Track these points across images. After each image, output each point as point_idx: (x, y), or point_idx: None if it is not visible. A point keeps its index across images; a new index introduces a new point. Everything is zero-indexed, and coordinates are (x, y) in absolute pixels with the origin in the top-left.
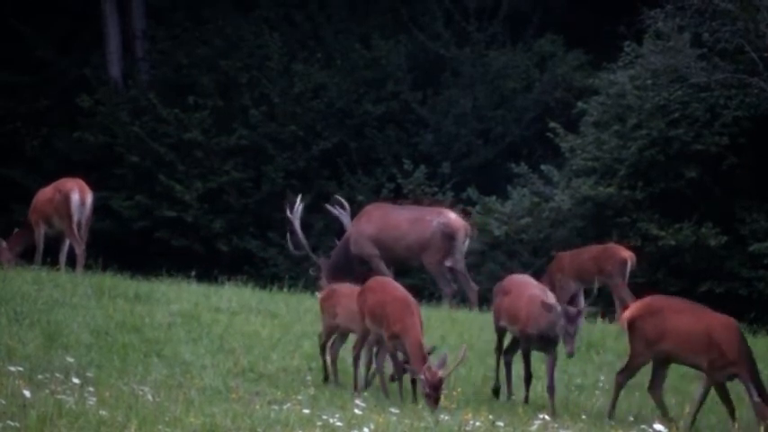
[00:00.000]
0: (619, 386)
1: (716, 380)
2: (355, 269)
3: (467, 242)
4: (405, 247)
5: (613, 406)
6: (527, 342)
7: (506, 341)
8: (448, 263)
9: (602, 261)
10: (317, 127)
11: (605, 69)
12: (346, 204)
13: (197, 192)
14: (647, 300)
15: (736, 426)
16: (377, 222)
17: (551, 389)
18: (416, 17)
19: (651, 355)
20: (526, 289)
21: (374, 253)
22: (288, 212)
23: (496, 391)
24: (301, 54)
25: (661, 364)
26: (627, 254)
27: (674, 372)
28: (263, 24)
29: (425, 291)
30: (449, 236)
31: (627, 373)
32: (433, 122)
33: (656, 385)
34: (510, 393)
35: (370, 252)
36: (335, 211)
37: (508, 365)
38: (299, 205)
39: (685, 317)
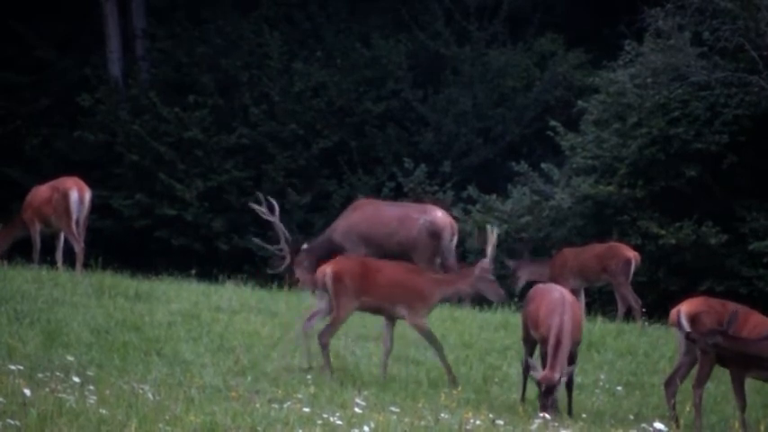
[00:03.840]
0: (701, 398)
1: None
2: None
3: (454, 240)
4: (395, 243)
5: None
6: (545, 345)
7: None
8: (437, 260)
9: (606, 260)
10: (318, 126)
11: (605, 68)
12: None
13: (197, 190)
14: (701, 298)
15: (737, 425)
16: (369, 219)
17: (569, 387)
18: (417, 16)
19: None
20: (547, 294)
21: (359, 248)
22: (262, 209)
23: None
24: (301, 53)
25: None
26: (631, 253)
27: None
28: (263, 23)
29: None
30: (434, 234)
31: (705, 378)
32: (434, 121)
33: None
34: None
35: (352, 247)
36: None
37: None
38: (263, 199)
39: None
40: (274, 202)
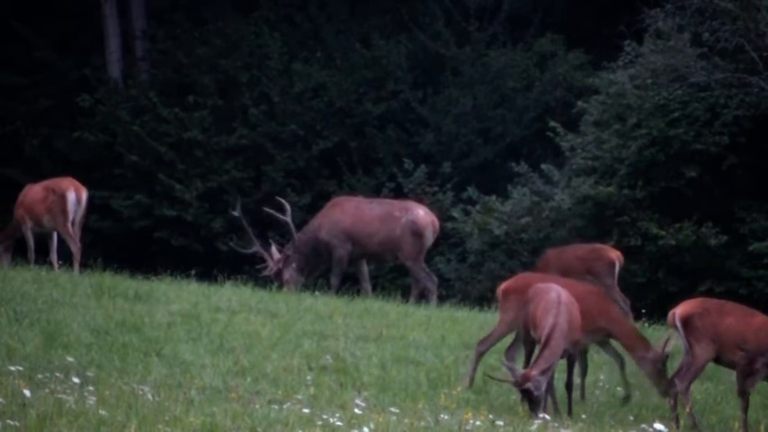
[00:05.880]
0: (685, 392)
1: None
2: (324, 257)
3: (433, 237)
4: (377, 242)
5: (692, 416)
6: None
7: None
8: (422, 258)
9: (590, 261)
10: (317, 126)
11: (605, 69)
12: (287, 206)
13: (197, 191)
14: (698, 300)
15: (736, 425)
16: (352, 216)
17: (568, 388)
18: (417, 17)
19: (714, 354)
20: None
21: (345, 245)
22: (235, 212)
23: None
24: (301, 53)
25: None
26: (614, 254)
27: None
28: (263, 24)
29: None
30: (417, 233)
31: (691, 375)
32: (434, 122)
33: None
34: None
35: (339, 243)
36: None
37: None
38: (239, 204)
39: (736, 318)
40: (285, 203)
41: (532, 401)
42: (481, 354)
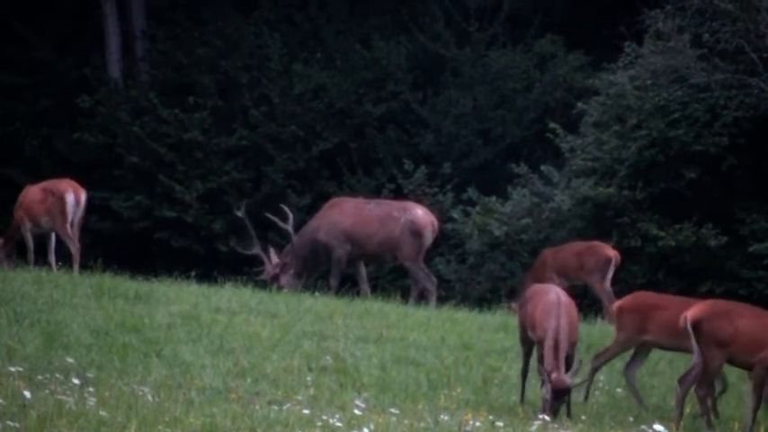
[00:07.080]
0: (703, 399)
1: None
2: (322, 259)
3: (432, 237)
4: (376, 243)
5: (708, 421)
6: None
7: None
8: (421, 257)
9: (585, 258)
10: (317, 127)
11: (605, 70)
12: (289, 214)
13: (197, 192)
14: (708, 303)
15: (736, 426)
16: (351, 216)
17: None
18: (417, 17)
19: (724, 358)
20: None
21: (344, 246)
22: (239, 213)
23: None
24: (301, 54)
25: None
26: (611, 252)
27: (675, 371)
28: (264, 25)
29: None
30: (416, 233)
31: (707, 381)
32: (434, 123)
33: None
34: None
35: (338, 244)
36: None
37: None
38: (243, 205)
39: (750, 319)
40: (288, 211)
41: (554, 405)
42: (596, 369)
